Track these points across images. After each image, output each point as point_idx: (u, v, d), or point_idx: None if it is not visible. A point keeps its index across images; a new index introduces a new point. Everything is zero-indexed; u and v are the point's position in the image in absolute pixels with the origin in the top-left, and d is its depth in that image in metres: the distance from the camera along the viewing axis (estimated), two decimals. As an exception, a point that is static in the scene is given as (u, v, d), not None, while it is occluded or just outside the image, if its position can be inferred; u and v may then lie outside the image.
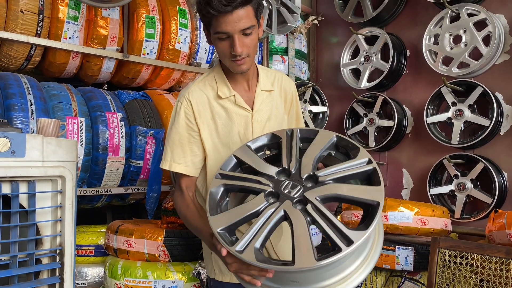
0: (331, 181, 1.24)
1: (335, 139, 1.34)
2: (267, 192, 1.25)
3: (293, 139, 1.36)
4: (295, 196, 1.22)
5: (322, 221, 1.16)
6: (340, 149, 1.36)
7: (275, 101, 1.61)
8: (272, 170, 1.31)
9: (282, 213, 1.20)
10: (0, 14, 2.13)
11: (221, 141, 1.54)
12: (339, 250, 1.10)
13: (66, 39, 2.35)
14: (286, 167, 1.31)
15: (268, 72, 1.65)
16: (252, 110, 1.55)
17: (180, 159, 1.51)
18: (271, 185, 1.27)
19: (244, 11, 1.34)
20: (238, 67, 1.44)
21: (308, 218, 1.18)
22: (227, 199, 1.35)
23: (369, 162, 1.26)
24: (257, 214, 1.22)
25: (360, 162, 1.26)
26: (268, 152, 1.43)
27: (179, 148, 1.51)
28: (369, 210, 1.19)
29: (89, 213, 2.83)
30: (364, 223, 1.17)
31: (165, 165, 1.53)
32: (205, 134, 1.52)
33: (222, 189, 1.32)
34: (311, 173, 1.27)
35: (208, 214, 1.25)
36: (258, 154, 1.41)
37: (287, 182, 1.26)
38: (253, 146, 1.41)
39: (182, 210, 1.50)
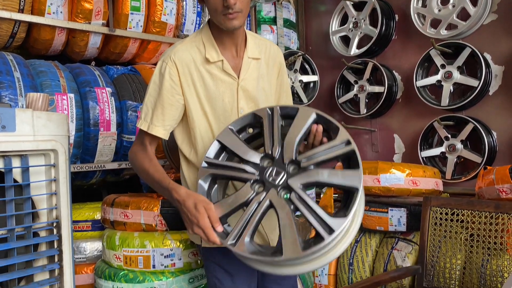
0: (312, 166, 1.28)
1: (315, 117, 1.35)
2: (253, 180, 1.30)
3: (274, 119, 1.37)
4: (280, 183, 1.27)
5: (305, 210, 1.22)
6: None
7: (262, 69, 1.57)
8: (256, 157, 1.34)
9: (268, 202, 1.25)
10: (-20, -9, 2.09)
11: (206, 107, 1.50)
12: (322, 238, 1.17)
13: (50, 14, 2.31)
14: (269, 152, 1.33)
15: (257, 39, 1.61)
16: (238, 78, 1.51)
17: (159, 122, 1.47)
18: (256, 173, 1.31)
19: None
20: (229, 22, 1.39)
21: (292, 207, 1.23)
22: (216, 186, 1.40)
23: (348, 143, 1.28)
24: (246, 204, 1.27)
25: (340, 143, 1.28)
26: (251, 130, 1.44)
27: (159, 110, 1.47)
28: (349, 194, 1.24)
29: (84, 193, 2.84)
30: (344, 208, 1.22)
31: (143, 126, 1.48)
32: (190, 98, 1.48)
33: (210, 178, 1.36)
34: (293, 158, 1.30)
35: None
36: (241, 134, 1.43)
37: (271, 169, 1.30)
38: (236, 128, 1.42)
39: (145, 163, 1.47)
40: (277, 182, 1.27)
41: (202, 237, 1.28)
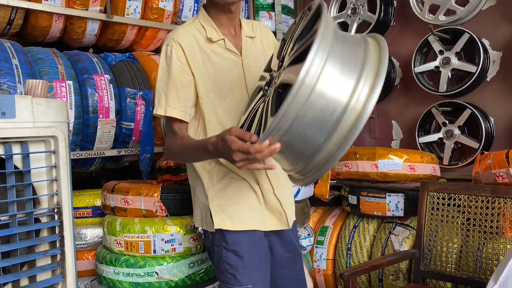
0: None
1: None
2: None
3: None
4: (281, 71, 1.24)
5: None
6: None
7: (258, 48, 1.61)
8: (261, 85, 1.38)
9: (276, 85, 1.18)
10: (-24, -23, 2.07)
11: (213, 87, 1.50)
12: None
13: (47, 0, 2.30)
14: (267, 70, 1.38)
15: (246, 20, 1.65)
16: (241, 55, 1.54)
17: (175, 104, 1.44)
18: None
19: None
20: None
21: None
22: None
23: (309, 8, 1.20)
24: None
25: (305, 13, 1.23)
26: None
27: (173, 93, 1.45)
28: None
29: (83, 181, 2.85)
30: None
31: (160, 111, 1.46)
32: (197, 78, 1.48)
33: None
34: (278, 56, 1.31)
35: None
36: None
37: (274, 75, 1.30)
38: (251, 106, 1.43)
39: (177, 143, 1.44)
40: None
41: (245, 158, 1.14)
